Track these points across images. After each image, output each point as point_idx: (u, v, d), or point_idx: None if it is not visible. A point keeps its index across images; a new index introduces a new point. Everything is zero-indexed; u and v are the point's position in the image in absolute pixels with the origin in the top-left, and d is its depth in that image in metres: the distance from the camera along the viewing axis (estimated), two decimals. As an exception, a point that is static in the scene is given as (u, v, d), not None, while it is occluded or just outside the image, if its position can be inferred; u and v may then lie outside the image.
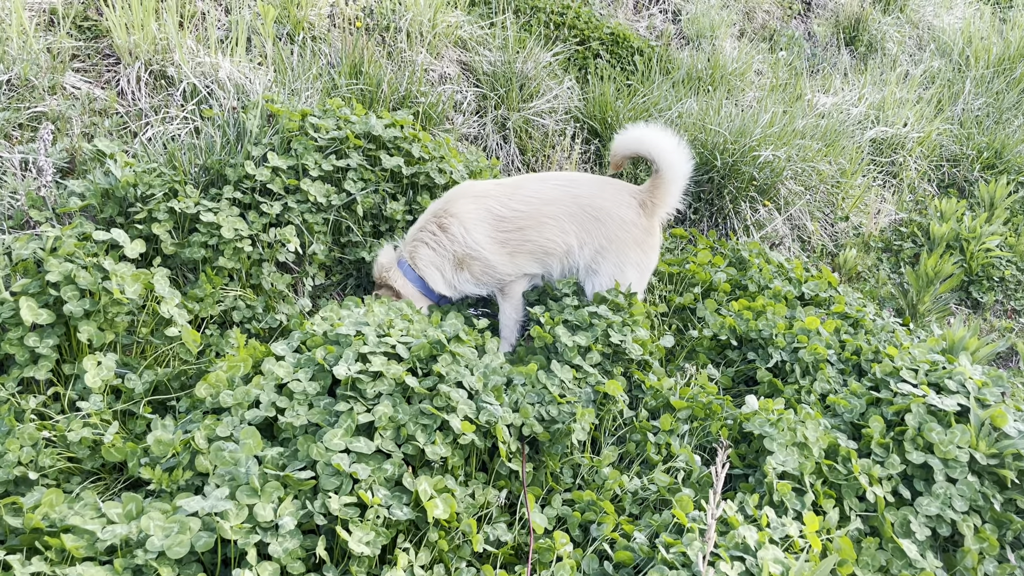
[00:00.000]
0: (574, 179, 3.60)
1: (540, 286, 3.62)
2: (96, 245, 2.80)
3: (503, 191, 3.46)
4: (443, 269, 3.38)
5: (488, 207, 3.40)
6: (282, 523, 2.01)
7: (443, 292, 3.43)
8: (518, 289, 3.46)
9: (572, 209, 3.45)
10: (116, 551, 1.94)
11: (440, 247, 3.36)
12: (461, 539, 2.30)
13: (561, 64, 5.38)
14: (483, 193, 3.44)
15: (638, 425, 2.88)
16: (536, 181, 3.56)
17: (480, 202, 3.40)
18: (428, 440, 2.35)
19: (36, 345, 2.53)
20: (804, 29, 7.70)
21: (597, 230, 3.45)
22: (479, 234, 3.35)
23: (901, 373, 3.11)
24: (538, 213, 3.42)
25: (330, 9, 4.60)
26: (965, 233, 5.43)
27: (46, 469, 2.30)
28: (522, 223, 3.40)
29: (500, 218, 3.39)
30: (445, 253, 3.36)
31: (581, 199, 3.47)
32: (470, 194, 3.44)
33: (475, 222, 3.36)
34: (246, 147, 3.43)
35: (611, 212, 3.49)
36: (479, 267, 3.37)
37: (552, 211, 3.43)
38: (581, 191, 3.50)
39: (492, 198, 3.42)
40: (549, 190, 3.47)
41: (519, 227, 3.40)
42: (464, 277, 3.40)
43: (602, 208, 3.47)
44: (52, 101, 3.46)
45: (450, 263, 3.37)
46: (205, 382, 2.49)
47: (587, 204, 3.46)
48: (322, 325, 2.72)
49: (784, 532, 2.35)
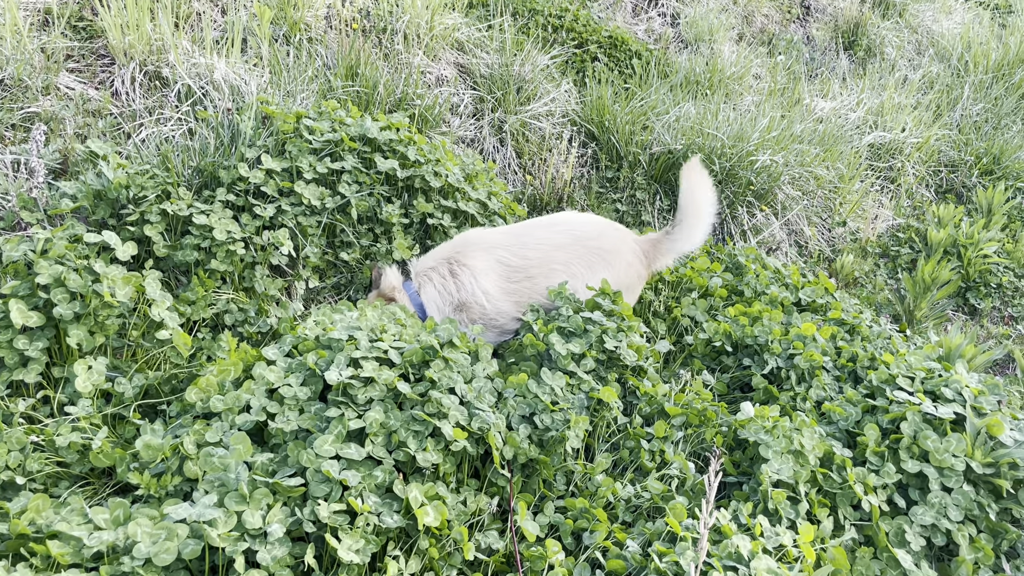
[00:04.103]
0: (579, 221, 3.62)
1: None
2: (87, 247, 2.78)
3: (512, 240, 3.49)
4: (444, 311, 3.40)
5: (499, 258, 3.42)
6: (271, 530, 1.99)
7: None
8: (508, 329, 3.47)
9: (581, 252, 3.48)
10: (102, 558, 1.93)
11: (447, 292, 3.37)
12: (452, 547, 2.28)
13: (559, 67, 5.36)
14: (494, 244, 3.46)
15: (632, 432, 2.86)
16: (543, 228, 3.57)
17: (490, 253, 3.42)
18: (419, 446, 2.33)
19: (25, 348, 2.51)
20: (803, 33, 7.69)
21: (606, 272, 3.48)
22: (488, 283, 3.37)
23: (897, 381, 3.10)
24: (549, 260, 3.44)
25: (327, 11, 4.58)
26: (962, 239, 5.42)
27: (34, 474, 2.28)
28: (533, 271, 3.43)
29: (511, 268, 3.41)
30: (449, 299, 3.37)
31: (589, 242, 3.50)
32: (481, 246, 3.45)
33: (485, 272, 3.38)
34: (240, 149, 3.41)
35: (619, 255, 3.53)
36: (478, 312, 3.39)
37: (562, 257, 3.45)
38: (588, 232, 3.53)
39: (502, 248, 3.45)
40: (557, 236, 3.49)
41: (529, 276, 3.43)
42: (464, 316, 3.41)
43: (610, 251, 3.51)
44: (45, 102, 3.43)
45: (452, 306, 3.39)
46: (195, 386, 2.46)
47: (595, 247, 3.50)
48: (314, 329, 2.70)
49: (778, 542, 2.33)
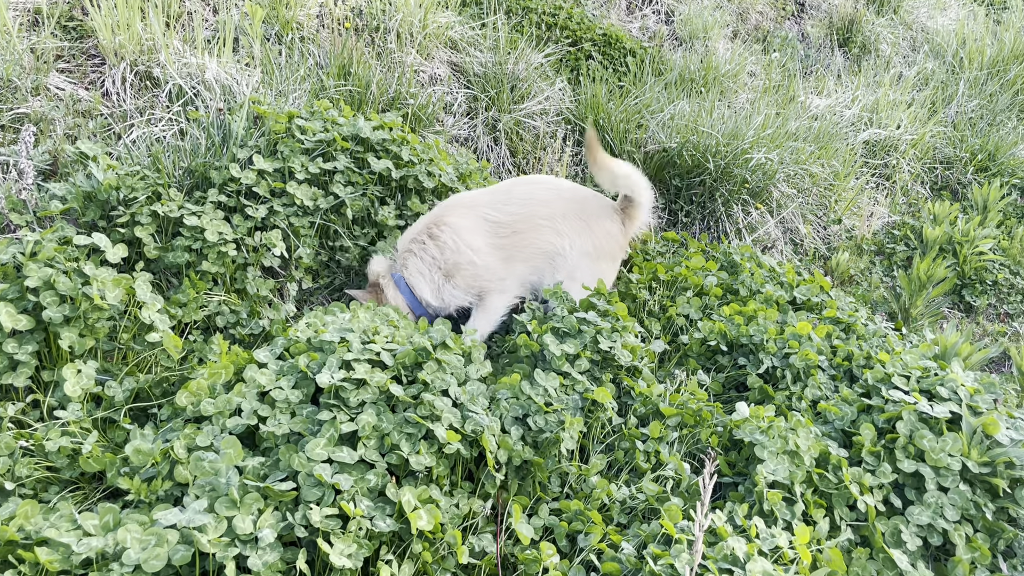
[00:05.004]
0: (562, 184, 3.58)
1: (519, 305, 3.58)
2: (77, 249, 2.75)
3: (495, 197, 3.43)
4: (432, 279, 3.33)
5: (482, 214, 3.36)
6: (262, 536, 1.97)
7: (430, 301, 3.38)
8: (499, 303, 3.40)
9: (565, 211, 3.42)
10: (92, 564, 1.90)
11: (429, 257, 3.31)
12: (446, 550, 2.26)
13: (553, 65, 5.34)
14: (474, 202, 3.40)
15: (627, 432, 2.85)
16: (527, 184, 3.53)
17: (473, 210, 3.37)
18: (412, 449, 2.31)
19: (15, 352, 2.49)
20: (798, 30, 7.68)
21: (587, 236, 3.43)
22: (475, 239, 3.31)
23: (893, 379, 3.08)
24: (533, 215, 3.39)
25: (319, 9, 4.55)
26: (958, 236, 5.41)
27: (23, 479, 2.26)
28: (518, 226, 3.37)
29: (496, 223, 3.35)
30: (433, 263, 3.31)
31: (572, 204, 3.45)
32: (462, 204, 3.40)
33: (469, 230, 3.32)
34: (231, 149, 3.39)
35: (600, 221, 3.48)
36: (469, 273, 3.32)
37: (547, 212, 3.41)
38: (571, 196, 3.48)
39: (484, 205, 3.39)
40: (542, 192, 3.44)
41: (516, 231, 3.37)
42: (453, 285, 3.35)
43: (591, 216, 3.47)
44: (35, 102, 3.40)
45: (439, 272, 3.32)
46: (186, 390, 2.44)
47: (578, 209, 3.45)
48: (306, 332, 2.68)
49: (774, 543, 2.32)
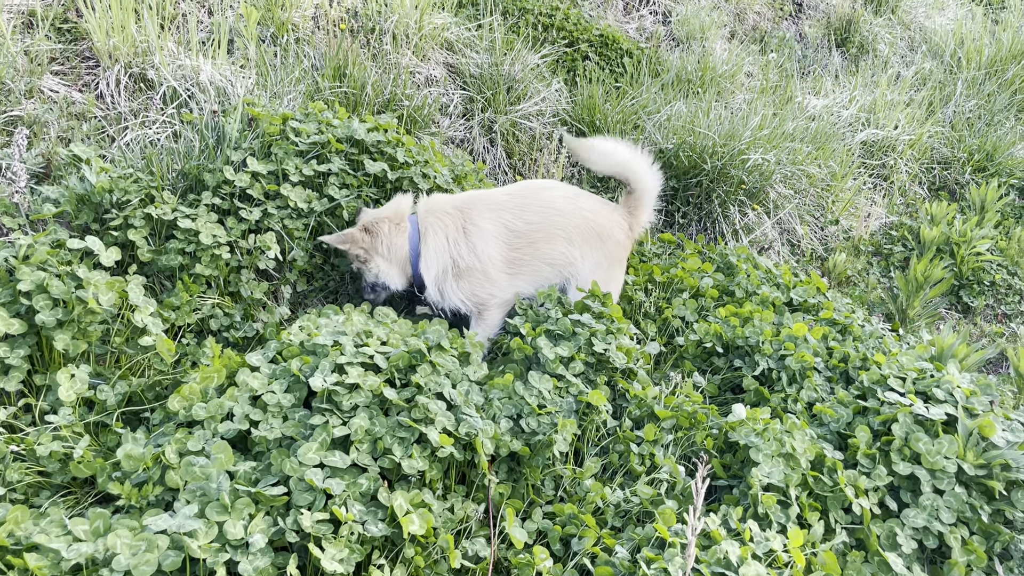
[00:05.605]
0: (577, 193, 3.59)
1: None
2: (70, 253, 2.75)
3: (514, 201, 3.44)
4: (444, 267, 3.33)
5: (505, 222, 3.38)
6: (253, 541, 1.96)
7: (425, 281, 3.36)
8: (497, 316, 3.40)
9: (579, 222, 3.46)
10: (82, 570, 1.90)
11: (455, 250, 3.32)
12: (438, 555, 2.25)
13: (549, 66, 5.33)
14: (499, 206, 3.41)
15: (621, 435, 2.84)
16: (546, 190, 3.54)
17: (499, 216, 3.38)
18: (405, 453, 2.31)
19: (7, 355, 2.48)
20: (795, 31, 7.67)
21: (599, 247, 3.48)
22: (494, 250, 3.34)
23: (888, 381, 3.08)
24: (551, 225, 3.42)
25: (314, 11, 4.54)
26: (956, 237, 5.40)
27: (14, 484, 2.25)
28: (535, 236, 3.40)
29: (514, 232, 3.38)
30: (453, 259, 3.32)
31: (586, 213, 3.48)
32: (488, 208, 3.40)
33: (493, 236, 3.35)
34: (225, 152, 3.38)
35: (611, 232, 3.53)
36: (477, 282, 3.33)
37: (563, 223, 3.44)
38: (586, 206, 3.51)
39: (507, 211, 3.40)
40: (560, 201, 3.47)
41: (531, 241, 3.40)
42: (458, 286, 3.34)
43: (604, 227, 3.51)
44: (29, 105, 3.39)
45: (452, 267, 3.32)
46: (178, 394, 2.43)
47: (592, 220, 3.48)
48: (299, 335, 2.67)
49: (768, 547, 2.31)
